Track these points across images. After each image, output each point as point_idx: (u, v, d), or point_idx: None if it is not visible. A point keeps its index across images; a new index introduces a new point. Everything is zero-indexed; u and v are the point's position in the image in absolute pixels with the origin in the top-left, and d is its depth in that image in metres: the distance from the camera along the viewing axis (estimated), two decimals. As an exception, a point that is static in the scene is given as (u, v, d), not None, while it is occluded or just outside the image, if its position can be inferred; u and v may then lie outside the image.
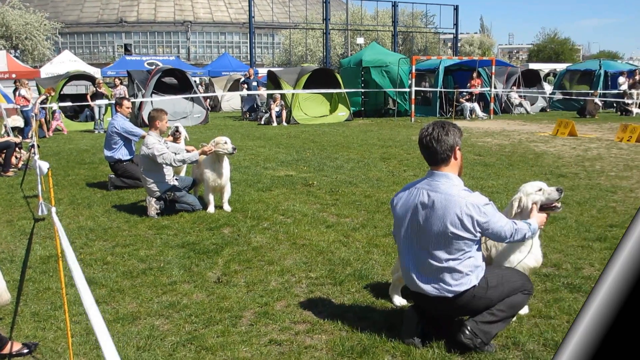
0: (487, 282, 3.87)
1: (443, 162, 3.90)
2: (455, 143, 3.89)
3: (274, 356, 3.92)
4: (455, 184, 3.86)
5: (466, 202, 3.75)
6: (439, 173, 3.91)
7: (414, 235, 3.95)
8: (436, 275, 3.86)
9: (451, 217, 3.75)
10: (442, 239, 3.80)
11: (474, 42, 76.53)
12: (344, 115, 23.39)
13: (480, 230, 3.79)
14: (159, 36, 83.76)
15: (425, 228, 3.86)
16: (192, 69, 40.87)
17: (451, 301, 3.86)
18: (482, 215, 3.75)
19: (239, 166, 11.68)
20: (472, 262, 3.84)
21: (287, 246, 6.37)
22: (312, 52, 58.63)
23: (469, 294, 3.83)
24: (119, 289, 5.17)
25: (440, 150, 3.87)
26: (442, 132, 3.86)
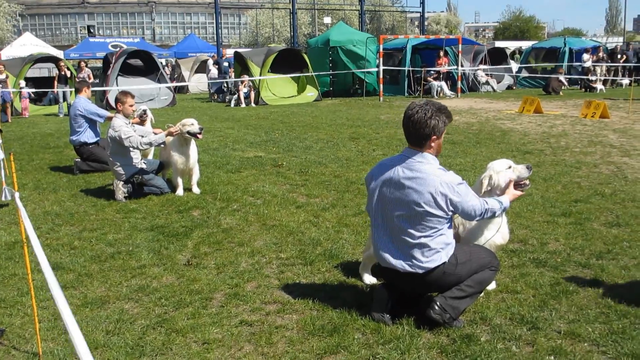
0: (456, 258, 3.92)
1: (420, 145, 3.90)
2: (438, 129, 3.85)
3: (245, 337, 3.93)
4: (431, 163, 3.88)
5: (440, 181, 3.78)
6: (415, 151, 3.92)
7: (387, 212, 3.98)
8: (407, 252, 3.91)
9: (425, 196, 3.78)
10: (414, 216, 3.83)
11: (441, 21, 76.81)
12: (312, 95, 23.34)
13: (452, 209, 3.84)
14: (123, 17, 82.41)
15: (398, 205, 3.89)
16: (158, 51, 40.37)
17: (421, 277, 3.91)
18: (456, 195, 3.79)
19: (208, 148, 11.59)
20: (442, 240, 3.89)
21: (257, 227, 6.36)
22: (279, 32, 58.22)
23: (439, 270, 3.88)
24: (87, 273, 5.12)
25: (416, 135, 3.87)
26: (427, 114, 3.83)
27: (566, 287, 4.55)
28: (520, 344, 3.73)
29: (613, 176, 8.54)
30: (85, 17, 79.72)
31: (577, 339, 3.79)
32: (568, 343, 3.74)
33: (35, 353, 3.73)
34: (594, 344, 3.73)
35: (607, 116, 15.47)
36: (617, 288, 4.55)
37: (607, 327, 3.92)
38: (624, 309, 4.17)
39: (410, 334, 3.86)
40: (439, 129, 3.87)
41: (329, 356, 3.66)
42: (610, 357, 3.59)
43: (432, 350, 3.69)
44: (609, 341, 3.75)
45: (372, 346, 3.74)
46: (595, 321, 4.01)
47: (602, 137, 12.31)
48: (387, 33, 49.71)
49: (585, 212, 6.62)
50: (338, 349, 3.72)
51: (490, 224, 4.36)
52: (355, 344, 3.75)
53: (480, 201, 3.94)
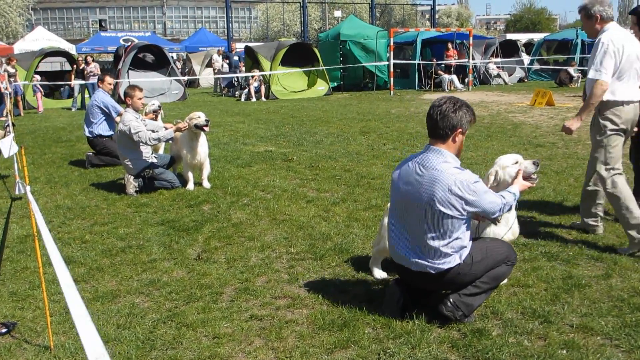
0: (472, 258, 3.85)
1: (441, 138, 3.82)
2: (460, 125, 3.79)
3: (255, 331, 3.92)
4: (448, 161, 3.78)
5: (455, 180, 3.69)
6: (434, 148, 3.84)
7: (403, 209, 3.92)
8: (420, 251, 3.85)
9: (438, 195, 3.70)
10: (429, 216, 3.76)
11: (452, 14, 76.34)
12: (323, 89, 23.28)
13: (469, 210, 3.74)
14: (134, 11, 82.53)
15: (413, 203, 3.83)
16: (169, 45, 40.40)
17: (434, 278, 3.86)
18: (472, 194, 3.70)
19: (218, 142, 11.60)
20: (458, 244, 3.80)
21: (267, 222, 6.36)
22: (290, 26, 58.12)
23: (453, 271, 3.82)
24: (98, 267, 5.13)
25: (441, 125, 3.79)
26: (451, 109, 3.78)
27: (578, 281, 4.51)
28: (532, 338, 3.71)
29: (626, 168, 8.41)
30: (97, 11, 79.91)
31: (589, 333, 3.76)
32: (580, 337, 3.71)
33: (47, 347, 3.75)
34: (606, 338, 3.70)
35: None
36: (630, 281, 4.51)
37: (620, 321, 3.88)
38: (637, 302, 4.14)
39: (420, 328, 3.84)
40: (464, 123, 3.81)
41: (339, 351, 3.65)
42: (623, 351, 3.55)
43: (443, 345, 3.67)
44: (622, 334, 3.71)
45: (382, 341, 3.73)
46: (608, 314, 3.98)
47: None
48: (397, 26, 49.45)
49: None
50: (348, 343, 3.70)
51: (501, 220, 4.33)
52: (365, 339, 3.74)
53: (498, 197, 3.87)
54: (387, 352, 3.59)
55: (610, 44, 5.10)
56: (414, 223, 3.85)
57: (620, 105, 5.25)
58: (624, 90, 5.23)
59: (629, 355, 3.52)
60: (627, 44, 5.18)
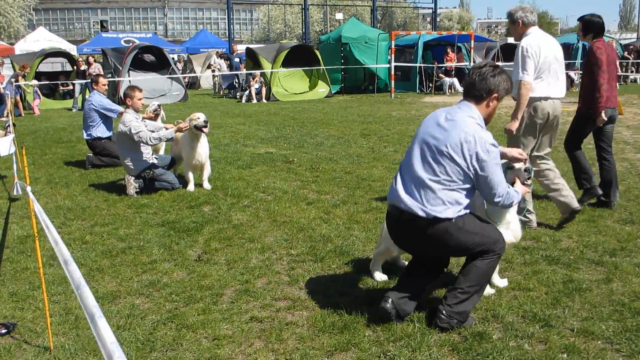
0: (464, 223, 3.82)
1: (475, 98, 3.90)
2: (497, 90, 3.88)
3: (255, 333, 3.92)
4: (473, 117, 3.84)
5: (474, 133, 3.72)
6: (466, 104, 3.92)
7: (417, 149, 3.95)
8: (418, 190, 3.83)
9: (453, 138, 3.73)
10: (437, 157, 3.78)
11: (453, 17, 76.47)
12: (323, 91, 23.28)
13: (476, 168, 3.73)
14: (136, 12, 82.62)
15: (427, 144, 3.86)
16: (170, 46, 40.45)
17: (421, 227, 3.81)
18: (485, 153, 3.70)
19: (219, 144, 11.60)
20: (455, 196, 3.78)
21: (268, 223, 6.35)
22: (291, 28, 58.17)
23: (442, 226, 3.78)
24: (98, 268, 5.13)
25: (478, 87, 3.87)
26: (490, 73, 3.88)
27: (579, 285, 4.50)
28: (532, 342, 3.70)
29: (627, 173, 8.47)
30: (98, 12, 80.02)
31: (590, 337, 3.75)
32: (581, 341, 3.70)
33: (47, 347, 3.74)
34: (607, 342, 3.70)
35: (621, 112, 15.33)
36: (631, 285, 4.51)
37: (620, 325, 3.88)
38: (637, 306, 4.13)
39: (421, 331, 3.84)
40: (501, 89, 3.90)
41: (340, 353, 3.65)
42: (624, 355, 3.55)
43: (443, 348, 3.67)
44: (622, 339, 3.71)
45: (382, 343, 3.72)
46: (609, 319, 3.97)
47: (616, 134, 12.16)
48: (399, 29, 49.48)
49: (599, 209, 6.57)
50: (348, 346, 3.70)
51: (502, 219, 4.31)
52: (365, 341, 3.74)
53: (505, 182, 3.87)
54: (388, 355, 3.59)
55: (529, 47, 5.70)
56: (420, 163, 3.87)
57: (538, 101, 5.84)
58: (541, 87, 5.80)
59: (630, 359, 3.51)
60: (544, 47, 5.79)
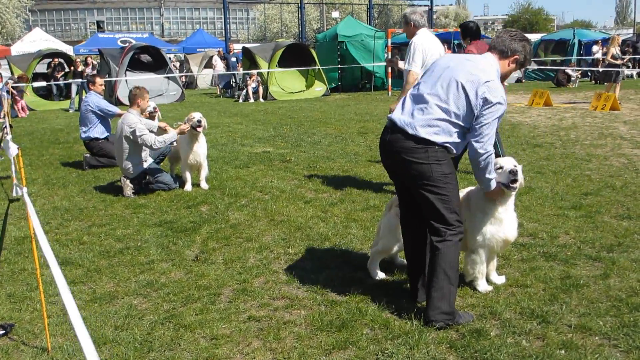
0: (445, 160, 3.92)
1: (501, 53, 4.01)
2: (519, 52, 4.00)
3: (253, 332, 3.92)
4: (493, 65, 3.95)
5: (493, 79, 3.82)
6: (491, 55, 4.03)
7: (431, 76, 4.01)
8: (417, 109, 3.92)
9: (473, 76, 3.82)
10: (450, 86, 3.85)
11: (450, 14, 76.50)
12: (320, 90, 23.28)
13: (479, 114, 3.80)
14: (132, 13, 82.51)
15: (444, 74, 3.92)
16: (167, 46, 40.37)
17: (409, 147, 3.88)
18: (495, 99, 3.78)
19: (216, 143, 11.59)
20: (448, 128, 3.86)
21: (265, 223, 6.35)
22: (288, 27, 58.13)
23: (428, 152, 3.85)
24: (96, 269, 5.13)
25: (507, 44, 3.99)
26: (519, 37, 4.02)
27: (576, 281, 4.51)
28: (530, 338, 3.70)
29: (624, 168, 8.48)
30: (94, 12, 79.89)
31: (588, 333, 3.76)
32: (579, 337, 3.71)
33: (44, 348, 3.74)
34: (605, 338, 3.70)
35: (618, 108, 15.35)
36: (628, 281, 4.51)
37: (618, 321, 3.88)
38: (635, 301, 4.14)
39: (419, 329, 3.84)
40: (522, 55, 4.02)
41: (338, 352, 3.65)
42: (621, 351, 3.55)
43: (441, 345, 3.67)
44: (620, 334, 3.71)
45: (380, 341, 3.72)
46: (607, 314, 3.98)
47: (613, 130, 12.22)
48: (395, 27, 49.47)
49: (596, 204, 6.57)
50: (346, 344, 3.70)
51: (492, 212, 4.30)
52: (363, 340, 3.74)
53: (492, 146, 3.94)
54: (386, 353, 3.59)
55: (420, 44, 6.79)
56: (429, 88, 3.95)
57: None
58: None
59: (628, 355, 3.51)
60: (431, 46, 6.85)
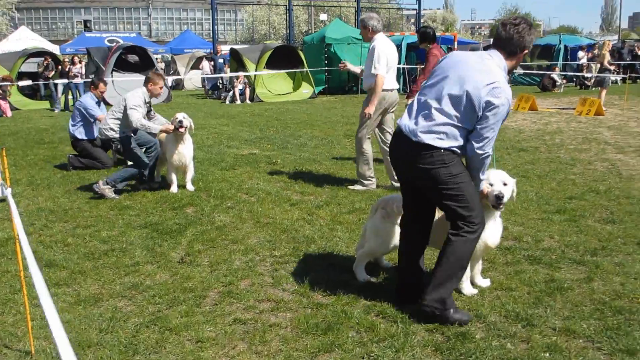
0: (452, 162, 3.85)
1: (508, 53, 3.94)
2: (529, 46, 3.94)
3: (238, 335, 3.91)
4: (501, 67, 3.88)
5: (500, 82, 3.76)
6: (497, 53, 3.95)
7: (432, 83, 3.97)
8: (422, 116, 3.89)
9: (479, 81, 3.77)
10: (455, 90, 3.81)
11: (437, 18, 76.69)
12: (307, 92, 23.29)
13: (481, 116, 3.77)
14: (119, 12, 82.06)
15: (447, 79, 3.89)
16: (154, 46, 40.18)
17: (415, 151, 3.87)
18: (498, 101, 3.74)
19: (202, 145, 11.56)
20: (453, 132, 3.83)
21: (251, 225, 6.34)
22: (276, 29, 58.07)
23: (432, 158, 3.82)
24: (81, 270, 5.09)
25: (515, 43, 3.90)
26: (527, 31, 3.91)
27: (561, 284, 4.54)
28: (515, 341, 3.72)
29: (607, 173, 8.55)
30: (82, 11, 79.31)
31: (572, 336, 3.78)
32: (563, 340, 3.73)
33: (28, 351, 3.70)
34: (589, 340, 3.73)
35: (602, 113, 15.49)
36: (612, 284, 4.55)
37: (602, 324, 3.91)
38: (618, 305, 4.17)
39: (404, 332, 3.85)
40: (530, 45, 3.96)
41: (323, 354, 3.65)
42: (605, 353, 3.58)
43: (426, 348, 3.68)
44: (604, 337, 3.74)
45: (366, 344, 3.73)
46: (590, 317, 4.01)
47: (597, 134, 12.33)
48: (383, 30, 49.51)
49: (580, 209, 6.62)
50: (332, 347, 3.70)
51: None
52: (349, 342, 3.74)
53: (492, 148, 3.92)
54: (371, 356, 3.59)
55: (382, 48, 7.34)
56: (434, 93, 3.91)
57: (387, 92, 7.52)
58: (388, 81, 7.50)
59: (611, 357, 3.54)
60: (391, 49, 7.53)
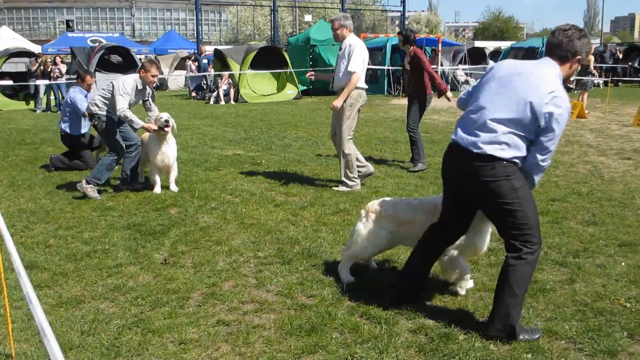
0: (515, 175, 3.81)
1: (561, 59, 3.87)
2: (580, 52, 3.86)
3: (222, 337, 3.89)
4: (554, 73, 3.81)
5: (558, 89, 3.70)
6: (550, 61, 3.88)
7: (486, 94, 3.90)
8: (481, 129, 3.82)
9: (537, 91, 3.70)
10: (510, 100, 3.76)
11: (421, 20, 76.99)
12: (292, 93, 23.26)
13: (548, 122, 3.69)
14: (102, 12, 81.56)
15: (504, 89, 3.82)
16: (137, 47, 39.92)
17: (475, 166, 3.79)
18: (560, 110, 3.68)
19: (186, 146, 11.51)
20: (516, 141, 3.76)
21: (235, 226, 6.32)
22: (261, 30, 58.01)
23: (495, 170, 3.76)
24: (62, 272, 5.04)
25: (566, 48, 3.84)
26: (577, 35, 3.84)
27: (543, 285, 4.57)
28: (497, 342, 3.74)
29: (590, 175, 8.63)
30: (64, 11, 78.69)
31: (554, 337, 3.81)
32: (545, 341, 3.76)
33: (8, 354, 3.66)
34: (570, 342, 3.76)
35: (584, 116, 15.62)
36: (594, 286, 4.59)
37: (583, 325, 3.95)
38: (600, 306, 4.21)
39: (388, 333, 3.85)
40: (584, 52, 3.88)
41: (307, 356, 3.64)
42: (586, 354, 3.61)
43: (410, 349, 3.69)
44: (585, 338, 3.78)
45: (350, 345, 3.73)
46: (572, 319, 4.04)
47: (579, 137, 12.43)
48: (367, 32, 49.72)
49: (562, 210, 6.67)
50: (316, 348, 3.70)
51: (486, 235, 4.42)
52: (333, 344, 3.74)
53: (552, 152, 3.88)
54: (355, 357, 3.59)
55: (358, 47, 7.47)
56: (491, 105, 3.84)
57: (362, 90, 7.63)
58: (362, 80, 7.60)
59: (592, 358, 3.58)
60: (364, 49, 7.58)
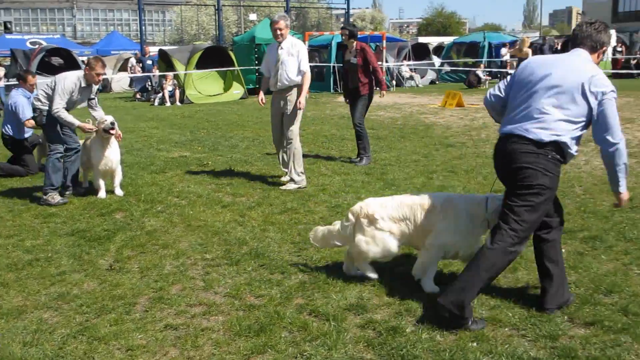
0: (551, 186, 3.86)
1: (591, 48, 3.99)
2: (605, 44, 4.02)
3: (170, 341, 3.85)
4: (589, 60, 3.93)
5: (598, 73, 3.81)
6: (581, 51, 3.99)
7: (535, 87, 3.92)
8: (524, 117, 3.89)
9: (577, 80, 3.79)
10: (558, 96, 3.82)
11: (366, 17, 77.67)
12: (238, 93, 23.12)
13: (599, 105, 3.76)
14: (42, 13, 79.55)
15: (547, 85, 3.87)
16: (79, 48, 39.08)
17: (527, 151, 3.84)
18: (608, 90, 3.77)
19: (132, 148, 11.32)
20: (565, 126, 3.81)
21: (182, 228, 6.26)
22: (206, 30, 57.47)
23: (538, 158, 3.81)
24: (3, 282, 4.90)
25: (595, 38, 3.98)
26: (603, 28, 4.02)
27: (487, 276, 4.67)
28: (444, 333, 3.81)
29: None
30: (1, 12, 76.41)
31: (498, 325, 3.91)
32: (490, 329, 3.85)
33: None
34: (514, 329, 3.87)
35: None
36: (535, 273, 4.69)
37: (525, 312, 4.06)
38: (541, 294, 4.33)
39: (337, 329, 3.88)
40: (606, 44, 4.04)
41: (256, 356, 3.64)
42: (529, 340, 3.72)
43: (358, 344, 3.72)
44: (528, 324, 3.89)
45: (299, 344, 3.74)
46: (515, 306, 4.15)
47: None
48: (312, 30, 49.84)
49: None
50: (265, 348, 3.70)
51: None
52: (282, 343, 3.75)
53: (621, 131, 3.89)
54: (304, 355, 3.61)
55: (304, 48, 8.03)
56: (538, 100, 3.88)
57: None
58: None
59: (535, 344, 3.68)
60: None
